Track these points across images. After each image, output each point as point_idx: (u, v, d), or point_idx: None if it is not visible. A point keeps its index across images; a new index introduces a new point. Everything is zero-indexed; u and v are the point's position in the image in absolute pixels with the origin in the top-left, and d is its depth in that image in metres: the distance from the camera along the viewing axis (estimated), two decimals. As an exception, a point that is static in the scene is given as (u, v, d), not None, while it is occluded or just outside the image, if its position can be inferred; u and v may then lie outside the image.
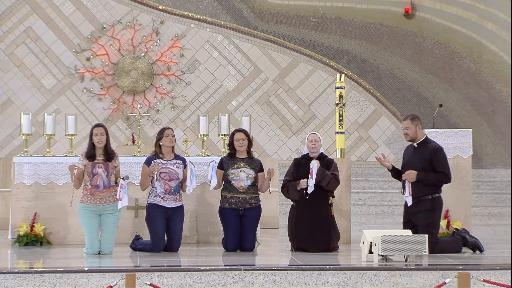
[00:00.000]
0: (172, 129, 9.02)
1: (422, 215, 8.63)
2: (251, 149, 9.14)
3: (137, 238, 9.22)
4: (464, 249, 8.88)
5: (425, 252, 7.81)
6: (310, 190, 8.83)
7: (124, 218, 9.46)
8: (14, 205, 9.65)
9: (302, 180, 8.86)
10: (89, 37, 16.11)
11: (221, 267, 7.51)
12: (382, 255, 7.84)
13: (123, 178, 8.53)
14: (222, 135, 10.27)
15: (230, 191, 9.00)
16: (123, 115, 16.10)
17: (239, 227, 8.99)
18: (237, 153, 9.05)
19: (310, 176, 8.80)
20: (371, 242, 7.93)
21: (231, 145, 9.07)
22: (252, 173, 9.00)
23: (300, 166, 9.04)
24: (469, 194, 9.68)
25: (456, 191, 9.49)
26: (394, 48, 16.87)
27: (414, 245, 7.81)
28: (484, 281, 7.04)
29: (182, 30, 16.39)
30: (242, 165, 9.00)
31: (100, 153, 8.63)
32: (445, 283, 6.82)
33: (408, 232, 8.16)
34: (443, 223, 9.32)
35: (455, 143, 9.59)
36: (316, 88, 16.64)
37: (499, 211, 15.23)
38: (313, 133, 9.17)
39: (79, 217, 8.70)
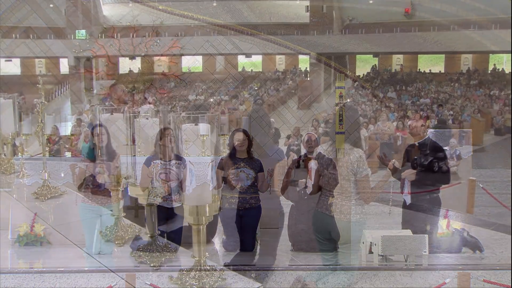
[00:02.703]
0: (172, 129, 9.01)
1: (420, 215, 8.63)
2: (251, 149, 9.14)
3: (137, 238, 9.21)
4: (464, 249, 8.88)
5: (425, 252, 7.81)
6: (309, 191, 8.82)
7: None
8: (14, 205, 9.65)
9: (300, 180, 8.85)
10: (89, 37, 16.12)
11: (221, 267, 7.50)
12: (382, 255, 7.84)
13: (125, 178, 8.53)
14: (222, 135, 10.27)
15: (230, 191, 8.98)
16: (123, 115, 16.10)
17: (239, 227, 8.98)
18: (237, 153, 9.04)
19: (308, 176, 8.80)
20: (371, 242, 7.92)
21: (231, 145, 9.06)
22: (252, 173, 8.98)
23: (298, 167, 9.03)
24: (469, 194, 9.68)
25: (456, 191, 9.48)
26: (394, 48, 16.87)
27: (414, 245, 7.81)
28: (484, 281, 7.05)
29: (182, 30, 16.39)
30: (242, 165, 8.99)
31: (102, 153, 8.64)
32: (445, 283, 6.83)
33: (408, 232, 8.16)
34: (443, 223, 9.32)
35: (455, 143, 9.59)
36: (316, 88, 16.65)
37: (499, 211, 15.22)
38: (309, 133, 9.17)
39: (80, 216, 8.70)
